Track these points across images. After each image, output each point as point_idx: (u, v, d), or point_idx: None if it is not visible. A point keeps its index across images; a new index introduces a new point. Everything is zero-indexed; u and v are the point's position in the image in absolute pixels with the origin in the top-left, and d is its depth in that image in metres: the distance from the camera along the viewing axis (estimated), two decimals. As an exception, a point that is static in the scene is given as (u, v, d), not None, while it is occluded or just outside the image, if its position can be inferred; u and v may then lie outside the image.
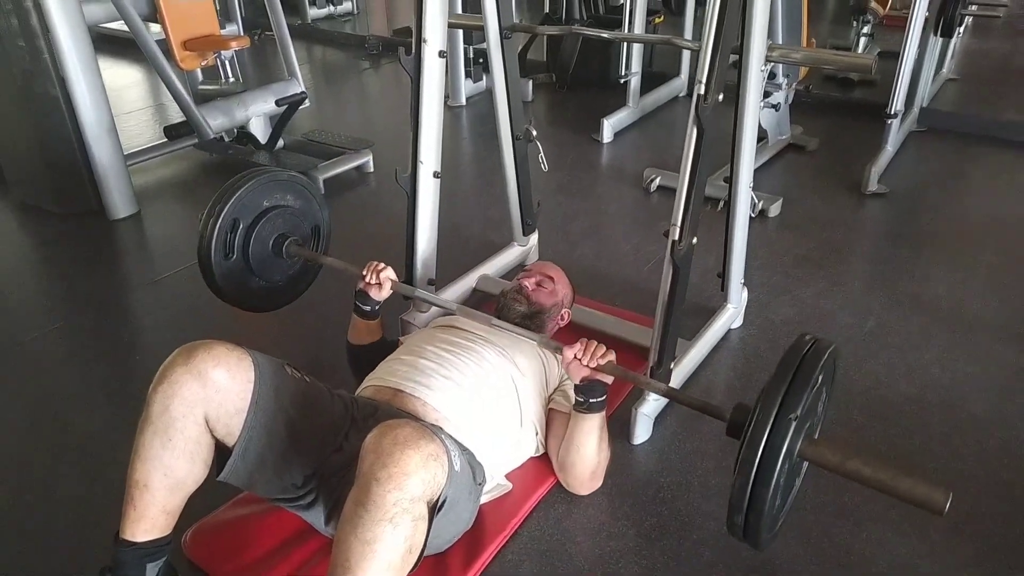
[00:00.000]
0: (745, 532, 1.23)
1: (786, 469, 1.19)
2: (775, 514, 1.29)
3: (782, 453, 1.14)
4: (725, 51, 1.62)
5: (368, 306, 1.88)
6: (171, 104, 4.40)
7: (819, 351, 1.25)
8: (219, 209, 1.85)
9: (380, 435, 1.17)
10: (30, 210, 3.27)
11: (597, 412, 1.60)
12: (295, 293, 2.15)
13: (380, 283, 1.85)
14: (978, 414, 1.97)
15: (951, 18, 3.56)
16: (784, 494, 1.32)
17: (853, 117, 4.30)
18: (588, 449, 1.63)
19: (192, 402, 1.30)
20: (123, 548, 1.32)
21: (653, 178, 3.39)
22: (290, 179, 2.01)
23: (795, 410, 1.15)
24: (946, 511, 1.11)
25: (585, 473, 1.66)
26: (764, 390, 1.21)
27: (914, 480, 1.15)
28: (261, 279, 2.02)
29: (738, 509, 1.20)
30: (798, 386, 1.19)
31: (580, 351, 1.54)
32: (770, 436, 1.15)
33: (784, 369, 1.22)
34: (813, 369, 1.21)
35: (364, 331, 1.92)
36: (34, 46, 2.87)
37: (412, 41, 2.00)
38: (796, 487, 1.42)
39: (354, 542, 1.12)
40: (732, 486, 1.19)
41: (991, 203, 3.27)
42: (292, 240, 2.02)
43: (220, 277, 1.92)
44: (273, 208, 1.97)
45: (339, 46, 6.42)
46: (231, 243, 1.90)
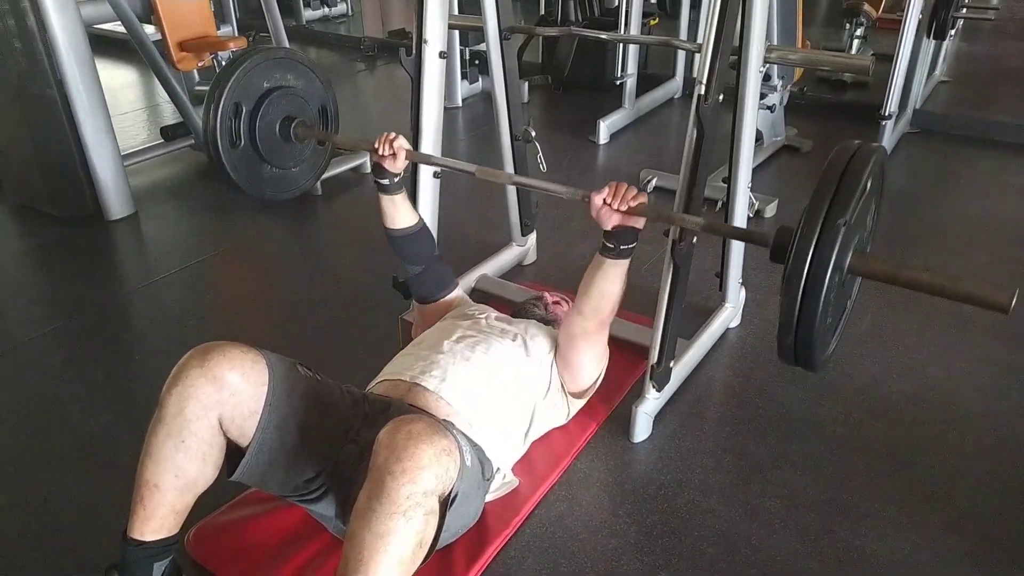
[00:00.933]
0: (796, 353, 1.14)
1: (836, 283, 1.08)
2: (826, 332, 1.18)
3: (831, 264, 1.04)
4: (725, 52, 1.64)
5: (386, 179, 1.81)
6: (167, 105, 4.40)
7: (866, 155, 1.12)
8: (218, 94, 1.77)
9: (394, 430, 1.17)
10: (27, 211, 3.26)
11: (626, 258, 1.56)
12: (309, 180, 2.04)
13: (394, 152, 1.78)
14: (974, 412, 1.99)
15: (943, 21, 3.60)
16: (836, 312, 1.20)
17: (847, 119, 4.33)
18: (613, 292, 1.60)
19: (207, 405, 1.30)
20: (131, 547, 1.32)
21: (650, 179, 3.38)
22: (288, 56, 1.92)
23: (844, 215, 1.03)
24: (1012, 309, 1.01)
25: (606, 313, 1.64)
26: (810, 200, 1.08)
27: (976, 281, 1.06)
28: (273, 166, 1.93)
29: (788, 328, 1.11)
30: (846, 191, 1.06)
31: (610, 195, 1.48)
32: (818, 245, 1.04)
33: (830, 174, 1.09)
34: (861, 174, 1.08)
35: (394, 211, 1.85)
36: (31, 47, 2.86)
37: (412, 42, 2.01)
38: (848, 308, 1.31)
39: (367, 535, 1.12)
40: (780, 305, 1.09)
41: (983, 203, 3.30)
42: (300, 121, 1.92)
43: (232, 168, 1.84)
44: (275, 89, 1.87)
45: (334, 48, 6.42)
46: (236, 130, 1.82)
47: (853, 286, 1.30)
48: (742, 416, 1.98)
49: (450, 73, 4.53)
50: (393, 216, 1.86)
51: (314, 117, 1.97)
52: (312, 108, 1.97)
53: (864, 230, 1.21)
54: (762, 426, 1.94)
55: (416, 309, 2.03)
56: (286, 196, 2.00)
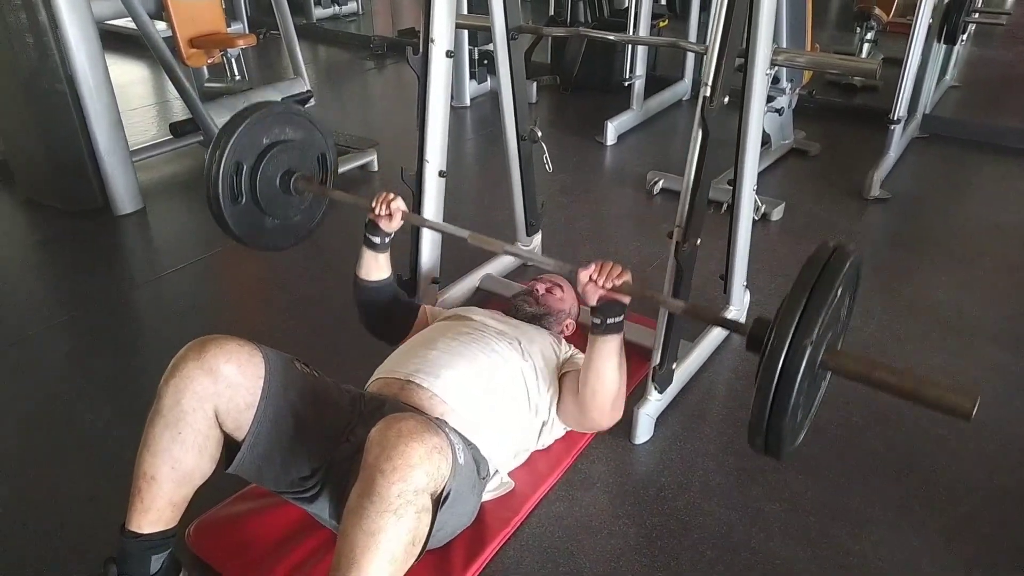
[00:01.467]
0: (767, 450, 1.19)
1: (806, 387, 1.13)
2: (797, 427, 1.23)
3: (799, 375, 1.08)
4: (731, 54, 1.64)
5: (378, 238, 1.84)
6: (177, 101, 4.43)
7: (841, 259, 1.15)
8: (219, 154, 1.79)
9: (385, 428, 1.18)
10: (36, 206, 3.28)
11: (615, 333, 1.55)
12: (310, 227, 2.08)
13: (391, 213, 1.79)
14: (977, 418, 1.95)
15: (955, 25, 3.58)
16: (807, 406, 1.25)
17: (856, 123, 4.31)
18: (609, 374, 1.58)
19: (203, 396, 1.31)
20: (128, 539, 1.33)
21: (656, 181, 3.40)
22: (286, 111, 1.94)
23: (811, 334, 1.08)
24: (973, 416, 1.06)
25: (607, 401, 1.61)
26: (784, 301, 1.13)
27: (940, 386, 1.10)
28: (274, 218, 1.96)
29: (757, 431, 1.15)
30: (819, 296, 1.11)
31: (595, 272, 1.49)
32: (787, 360, 1.08)
33: (805, 278, 1.13)
34: (835, 278, 1.12)
35: (374, 265, 1.88)
36: (42, 42, 2.88)
37: (419, 41, 2.02)
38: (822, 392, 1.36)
39: (358, 533, 1.13)
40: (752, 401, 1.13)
41: (992, 210, 3.28)
42: (299, 175, 1.94)
43: (233, 222, 1.86)
44: (274, 144, 1.89)
45: (344, 46, 6.44)
46: (238, 186, 1.84)
47: (825, 377, 1.34)
48: (744, 419, 1.94)
49: (458, 72, 4.53)
50: (371, 269, 1.89)
51: (313, 167, 2.03)
52: (311, 158, 2.02)
53: (838, 324, 1.26)
54: (764, 429, 1.93)
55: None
56: (287, 245, 2.07)
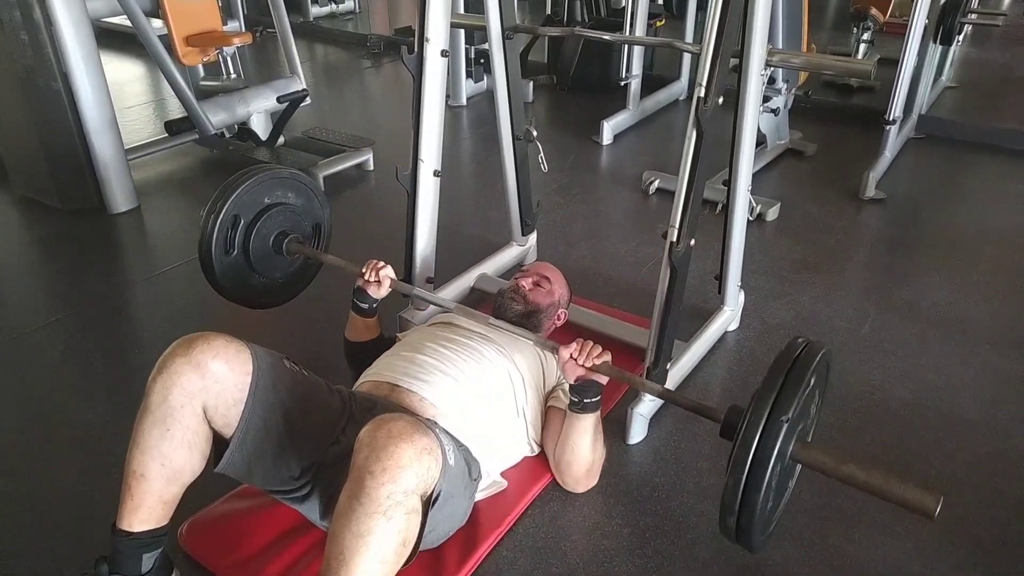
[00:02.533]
0: (738, 534, 1.24)
1: (778, 471, 1.20)
2: (768, 516, 1.29)
3: (774, 455, 1.15)
4: (726, 54, 1.63)
5: (366, 304, 1.89)
6: (172, 99, 4.41)
7: (811, 353, 1.25)
8: (220, 205, 1.86)
9: (374, 429, 1.17)
10: (31, 204, 3.27)
11: (592, 412, 1.61)
12: (295, 290, 2.16)
13: (379, 281, 1.85)
14: (971, 420, 1.98)
15: (951, 26, 3.57)
16: (777, 496, 1.32)
17: (852, 123, 4.32)
18: (583, 449, 1.64)
19: (191, 393, 1.31)
20: (120, 538, 1.33)
21: (652, 180, 3.40)
22: (291, 177, 2.02)
23: (787, 412, 1.16)
24: (936, 516, 1.12)
25: (580, 472, 1.67)
26: (756, 392, 1.21)
27: (906, 485, 1.16)
28: (261, 276, 2.03)
29: (730, 511, 1.20)
30: (790, 389, 1.19)
31: (576, 351, 1.55)
32: (762, 438, 1.16)
33: (776, 371, 1.22)
34: (805, 372, 1.21)
35: (362, 328, 1.93)
36: (37, 40, 2.87)
37: (415, 40, 2.01)
38: (790, 489, 1.43)
39: (348, 535, 1.12)
40: (724, 487, 1.19)
41: (987, 211, 3.29)
42: (293, 238, 2.03)
43: (220, 273, 1.93)
44: (274, 205, 1.98)
45: (341, 44, 6.43)
46: (232, 239, 1.91)
47: (795, 471, 1.40)
48: (738, 419, 1.98)
49: (455, 72, 4.53)
50: (361, 333, 1.94)
51: (308, 233, 2.11)
52: (307, 224, 2.10)
53: (808, 419, 1.31)
54: (758, 430, 1.93)
55: None
56: (271, 305, 2.13)
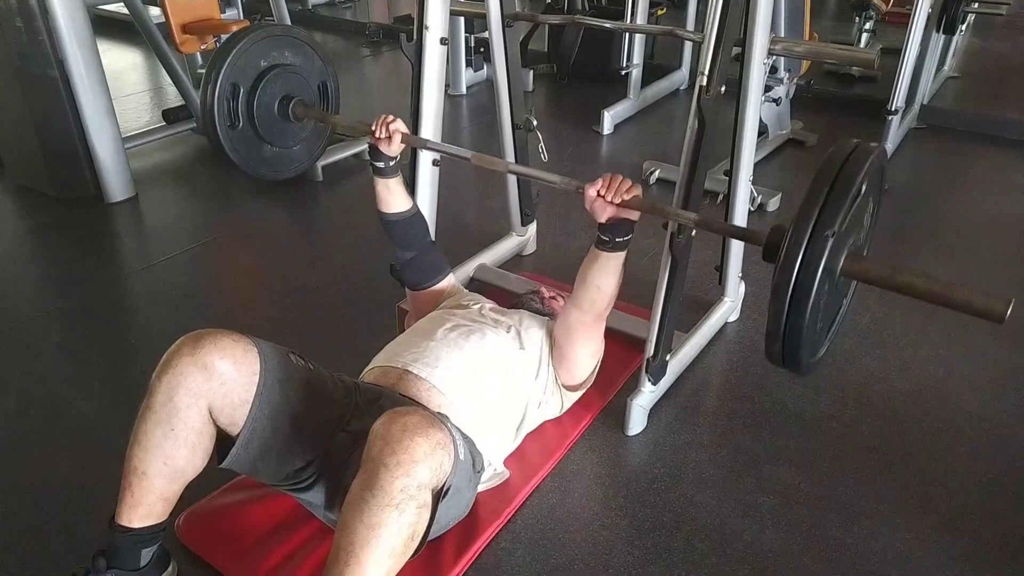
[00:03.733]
0: (784, 358, 1.14)
1: (826, 290, 1.08)
2: (817, 337, 1.18)
3: (819, 274, 1.03)
4: (728, 43, 1.62)
5: (382, 162, 1.81)
6: (170, 88, 4.38)
7: (863, 155, 1.10)
8: (215, 75, 1.75)
9: (389, 421, 1.17)
10: (27, 192, 3.25)
11: (622, 251, 1.55)
12: (313, 154, 2.04)
13: (390, 135, 1.76)
14: (972, 411, 1.98)
15: (953, 15, 3.55)
16: (827, 315, 1.19)
17: (853, 113, 4.29)
18: (609, 285, 1.59)
19: (197, 393, 1.29)
20: (118, 533, 1.32)
21: (652, 170, 3.38)
22: (286, 33, 1.91)
23: (832, 226, 1.03)
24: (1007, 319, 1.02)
25: (603, 304, 1.63)
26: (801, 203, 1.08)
27: (970, 289, 1.06)
28: (272, 145, 1.93)
29: (775, 337, 1.10)
30: (836, 199, 1.05)
31: (603, 187, 1.48)
32: (805, 256, 1.04)
33: (821, 180, 1.07)
34: (853, 179, 1.06)
35: (387, 195, 1.84)
36: (32, 27, 2.85)
37: (414, 28, 2.00)
38: (844, 307, 1.31)
39: (359, 526, 1.12)
40: (768, 312, 1.09)
41: (989, 202, 3.27)
42: (298, 101, 1.91)
43: (230, 148, 1.84)
44: (272, 68, 1.86)
45: (339, 33, 6.39)
46: (234, 111, 1.81)
47: (849, 287, 1.28)
48: (738, 411, 1.97)
49: (454, 61, 4.50)
50: (387, 200, 1.85)
51: (313, 95, 1.97)
52: (311, 85, 1.96)
53: (861, 230, 1.18)
54: (758, 421, 1.93)
55: (409, 296, 2.00)
56: (287, 175, 2.03)
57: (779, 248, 1.08)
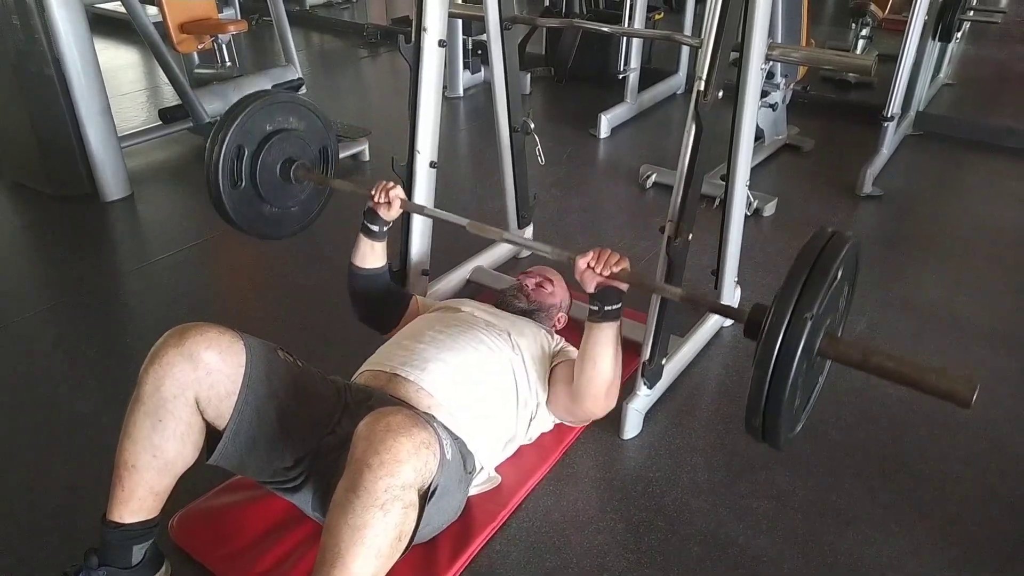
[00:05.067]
0: (764, 433, 1.19)
1: (804, 368, 1.13)
2: (795, 414, 1.23)
3: (798, 352, 1.09)
4: (726, 48, 1.62)
5: (376, 226, 1.85)
6: (166, 87, 4.37)
7: (838, 245, 1.16)
8: (222, 136, 1.80)
9: (373, 422, 1.16)
10: (22, 190, 3.24)
11: (612, 321, 1.55)
12: (308, 219, 2.09)
13: (390, 202, 1.80)
14: (966, 417, 1.97)
15: (950, 23, 3.57)
16: (804, 393, 1.25)
17: (850, 119, 4.31)
18: (604, 362, 1.57)
19: (183, 384, 1.30)
20: (110, 529, 1.32)
21: (649, 174, 3.39)
22: (292, 100, 1.95)
23: (811, 308, 1.09)
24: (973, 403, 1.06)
25: (602, 389, 1.61)
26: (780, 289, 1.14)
27: (939, 373, 1.09)
28: (273, 206, 1.96)
29: (755, 411, 1.15)
30: (815, 283, 1.11)
31: (593, 259, 1.50)
32: (785, 336, 1.09)
33: (800, 265, 1.14)
34: (831, 265, 1.13)
35: (369, 253, 1.88)
36: (29, 24, 2.84)
37: (412, 29, 2.00)
38: (819, 384, 1.36)
39: (344, 527, 1.12)
40: (750, 387, 1.13)
41: (984, 209, 3.29)
42: (300, 164, 1.95)
43: (231, 207, 1.87)
44: (277, 132, 1.91)
45: (337, 34, 6.39)
46: (238, 170, 1.85)
47: (824, 366, 1.34)
48: (733, 415, 1.97)
49: (452, 63, 4.50)
50: (368, 258, 1.89)
51: (315, 157, 2.03)
52: (313, 149, 2.03)
53: (836, 313, 1.26)
54: (753, 426, 1.93)
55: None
56: (285, 235, 2.08)
57: (760, 325, 1.15)
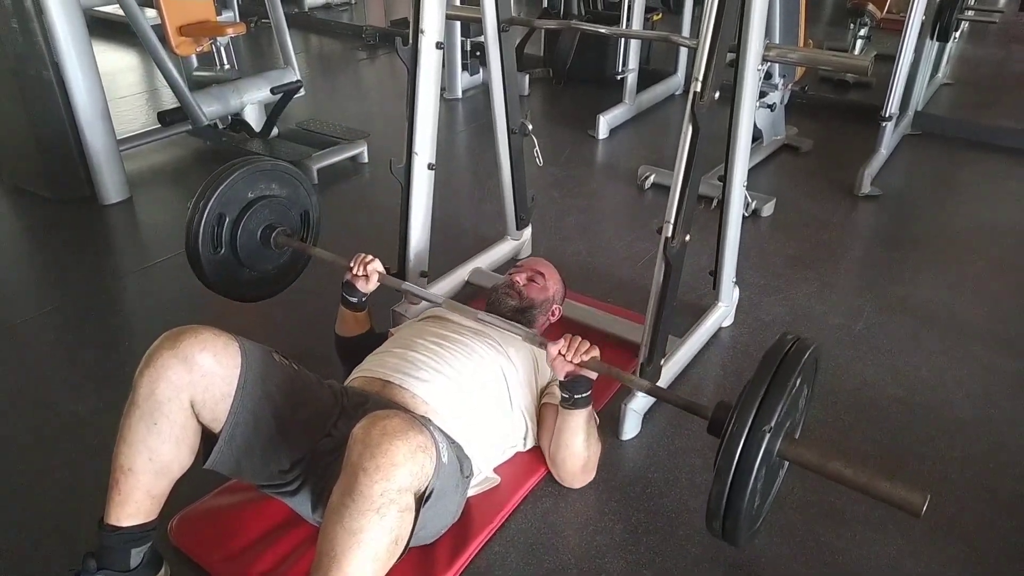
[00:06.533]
0: (724, 534, 1.25)
1: (763, 474, 1.21)
2: (754, 515, 1.30)
3: (756, 463, 1.16)
4: (722, 49, 1.62)
5: (355, 298, 1.87)
6: (165, 90, 4.38)
7: (799, 352, 1.24)
8: (203, 205, 1.83)
9: (369, 425, 1.16)
10: (21, 194, 3.24)
11: (583, 408, 1.59)
12: (286, 281, 2.14)
13: (367, 275, 1.83)
14: (964, 418, 1.98)
15: (947, 23, 3.57)
16: (764, 493, 1.32)
17: (848, 119, 4.31)
18: (576, 445, 1.63)
19: (178, 386, 1.30)
20: (107, 533, 1.32)
21: (647, 175, 3.39)
22: (274, 167, 1.97)
23: (770, 420, 1.16)
24: (923, 514, 1.13)
25: (576, 467, 1.67)
26: (739, 397, 1.21)
27: (892, 483, 1.16)
28: (251, 270, 2.00)
29: (715, 515, 1.22)
30: (774, 394, 1.19)
31: (564, 347, 1.53)
32: (744, 447, 1.17)
33: (761, 375, 1.21)
34: (790, 375, 1.21)
35: (352, 323, 1.91)
36: (27, 28, 2.84)
37: (410, 31, 2.00)
38: (779, 481, 1.43)
39: (340, 532, 1.12)
40: (709, 494, 1.20)
41: (982, 209, 3.29)
42: (280, 230, 1.99)
43: (209, 271, 1.91)
44: (259, 199, 1.94)
45: (336, 36, 6.39)
46: (218, 237, 1.88)
47: (782, 465, 1.40)
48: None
49: (451, 64, 4.51)
50: (351, 327, 1.92)
51: (296, 222, 2.08)
52: (294, 214, 2.07)
53: (796, 412, 1.32)
54: (751, 426, 1.93)
55: None
56: (262, 297, 2.12)
57: (722, 427, 1.22)
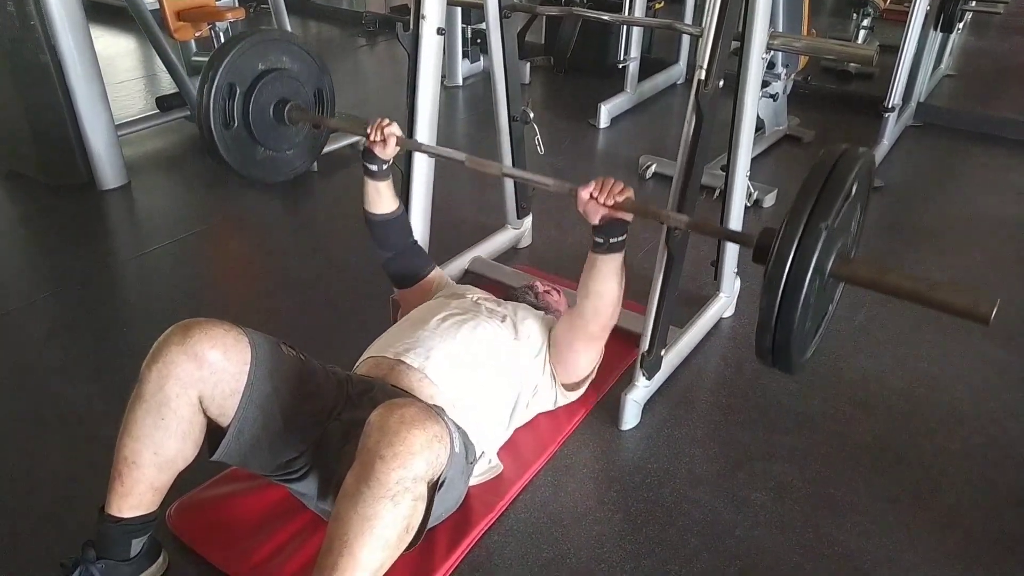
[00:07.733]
0: (774, 355, 1.15)
1: (816, 287, 1.08)
2: (806, 336, 1.18)
3: (811, 267, 1.04)
4: (727, 37, 1.61)
5: (375, 165, 1.82)
6: (164, 75, 4.34)
7: (852, 159, 1.11)
8: (212, 74, 1.76)
9: (386, 413, 1.16)
10: (18, 179, 3.22)
11: (618, 252, 1.53)
12: (305, 162, 2.06)
13: (385, 139, 1.78)
14: (965, 410, 1.98)
15: (951, 13, 3.55)
16: (816, 316, 1.20)
17: (850, 110, 4.29)
18: (611, 292, 1.57)
19: (187, 382, 1.28)
20: (108, 523, 1.31)
21: (649, 165, 3.38)
22: (283, 38, 1.92)
23: (826, 219, 1.04)
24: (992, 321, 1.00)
25: (607, 316, 1.62)
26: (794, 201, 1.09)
27: (956, 290, 1.04)
28: (267, 149, 1.94)
29: (766, 328, 1.10)
30: (829, 195, 1.06)
31: (596, 189, 1.47)
32: (799, 249, 1.04)
33: (814, 178, 1.09)
34: (845, 177, 1.07)
35: (375, 196, 1.86)
36: (23, 11, 2.81)
37: (411, 17, 1.98)
38: (831, 311, 1.32)
39: (353, 517, 1.11)
40: (760, 306, 1.09)
41: (984, 200, 3.28)
42: (294, 105, 1.92)
43: (224, 148, 1.84)
44: (270, 71, 1.88)
45: (335, 22, 6.35)
46: (230, 110, 1.82)
47: (835, 290, 1.29)
48: (732, 407, 1.97)
49: (451, 52, 4.48)
50: (376, 201, 1.87)
51: (309, 100, 1.99)
52: (308, 91, 1.98)
53: (848, 234, 1.20)
54: (752, 417, 1.93)
55: (397, 293, 2.01)
56: (280, 179, 2.03)
57: (770, 247, 1.09)
